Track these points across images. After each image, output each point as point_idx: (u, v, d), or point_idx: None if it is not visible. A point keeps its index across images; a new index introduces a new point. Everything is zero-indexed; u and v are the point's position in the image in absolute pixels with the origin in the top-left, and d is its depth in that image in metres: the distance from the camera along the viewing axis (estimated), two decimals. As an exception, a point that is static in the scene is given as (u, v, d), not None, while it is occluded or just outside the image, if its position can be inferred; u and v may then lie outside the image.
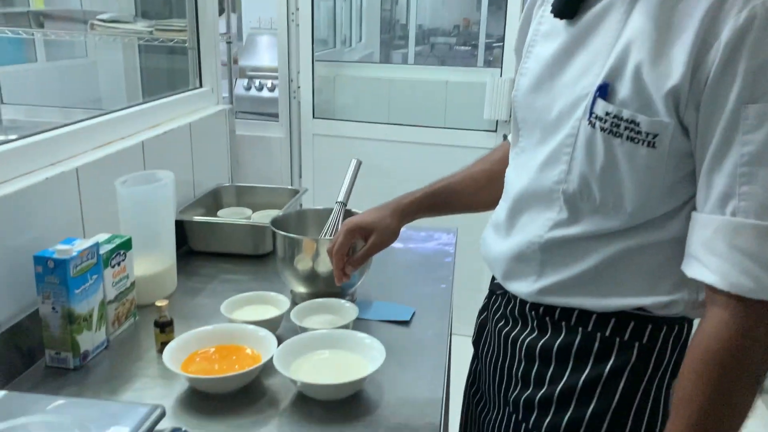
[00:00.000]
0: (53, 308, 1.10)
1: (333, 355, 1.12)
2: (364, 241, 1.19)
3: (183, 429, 0.83)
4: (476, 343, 1.15)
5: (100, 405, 0.89)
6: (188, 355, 1.11)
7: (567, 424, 0.93)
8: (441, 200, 1.21)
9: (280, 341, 1.11)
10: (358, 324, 1.27)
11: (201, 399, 1.04)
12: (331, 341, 1.14)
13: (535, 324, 0.97)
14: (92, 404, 0.90)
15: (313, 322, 1.23)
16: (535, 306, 0.97)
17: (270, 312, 1.26)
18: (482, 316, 1.13)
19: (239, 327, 1.17)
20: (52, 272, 1.08)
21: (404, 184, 1.32)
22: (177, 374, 1.05)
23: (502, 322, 1.04)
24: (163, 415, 0.81)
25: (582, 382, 0.92)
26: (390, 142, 2.87)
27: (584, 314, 0.91)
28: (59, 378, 1.11)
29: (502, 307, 1.05)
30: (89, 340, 1.15)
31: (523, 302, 0.99)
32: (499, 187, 1.06)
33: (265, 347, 1.11)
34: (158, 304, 1.16)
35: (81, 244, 1.13)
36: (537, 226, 0.93)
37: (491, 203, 1.09)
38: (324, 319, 1.24)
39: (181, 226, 1.59)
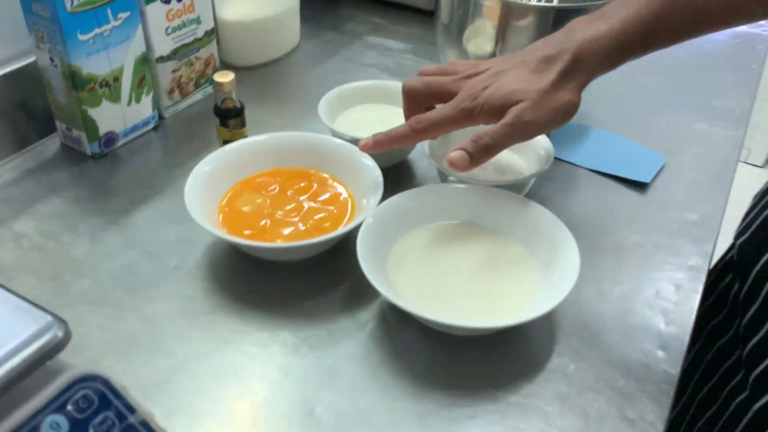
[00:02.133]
0: (51, 60, 0.68)
1: (483, 252, 0.60)
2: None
3: (99, 374, 0.40)
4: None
5: None
6: (244, 177, 0.65)
7: None
8: (673, 23, 0.54)
9: (398, 186, 0.60)
10: (554, 172, 0.71)
11: (241, 261, 0.61)
12: (481, 218, 0.61)
13: None
14: None
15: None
16: None
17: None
18: None
19: (334, 144, 0.67)
20: (40, -2, 0.64)
21: None
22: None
23: None
24: (58, 347, 0.39)
25: None
26: None
27: None
28: (70, 166, 0.72)
29: None
30: (115, 116, 0.73)
31: None
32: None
33: (369, 189, 0.61)
34: (218, 79, 0.69)
35: (96, -45, 0.66)
36: None
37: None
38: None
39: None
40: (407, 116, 0.62)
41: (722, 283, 0.69)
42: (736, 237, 0.69)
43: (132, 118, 0.75)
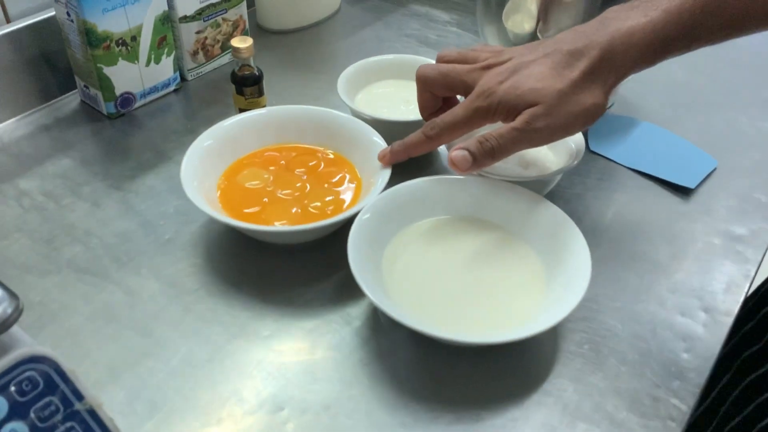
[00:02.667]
0: (68, 14, 0.66)
1: (489, 251, 0.55)
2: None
3: (48, 355, 0.39)
4: None
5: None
6: (250, 151, 0.62)
7: None
8: (723, 15, 0.47)
9: (416, 170, 0.56)
10: (588, 168, 0.65)
11: (235, 239, 0.58)
12: (497, 214, 0.56)
13: None
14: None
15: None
16: None
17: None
18: None
19: (345, 121, 0.63)
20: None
21: None
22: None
23: None
24: (6, 323, 0.38)
25: None
26: None
27: None
28: (86, 125, 0.71)
29: None
30: (133, 76, 0.71)
31: None
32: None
33: (378, 172, 0.57)
34: (236, 44, 0.66)
35: None
36: None
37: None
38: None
39: None
40: (421, 105, 0.58)
41: (764, 310, 0.62)
42: None
43: (151, 79, 0.72)
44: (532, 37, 0.67)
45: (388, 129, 0.64)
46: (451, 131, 0.53)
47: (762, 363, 0.58)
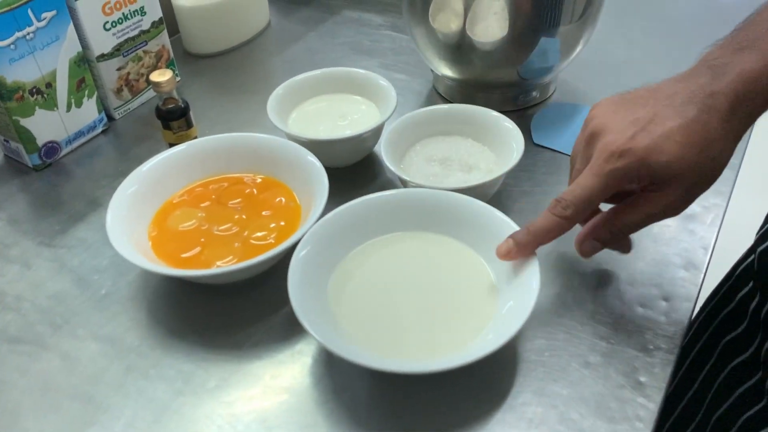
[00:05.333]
0: (-27, 68, 0.63)
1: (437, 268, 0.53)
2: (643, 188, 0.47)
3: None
4: None
5: None
6: (177, 190, 0.59)
7: None
8: None
9: (357, 189, 0.54)
10: (535, 162, 0.64)
11: (175, 284, 0.55)
12: (440, 221, 0.54)
13: None
14: None
15: (434, 151, 0.62)
16: None
17: (364, 120, 0.67)
18: None
19: (276, 145, 0.60)
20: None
21: None
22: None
23: None
24: None
25: None
26: None
27: None
28: (12, 179, 0.68)
29: None
30: (54, 124, 0.67)
31: None
32: None
33: (316, 194, 0.55)
34: (155, 78, 0.63)
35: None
36: None
37: None
38: (456, 148, 0.62)
39: None
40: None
41: (741, 293, 0.60)
42: (757, 242, 0.60)
43: (74, 124, 0.69)
44: (461, 36, 0.65)
45: (327, 148, 0.61)
46: (587, 206, 0.45)
47: (746, 347, 0.57)
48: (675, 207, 0.45)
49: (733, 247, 0.75)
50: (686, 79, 0.45)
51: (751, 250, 0.62)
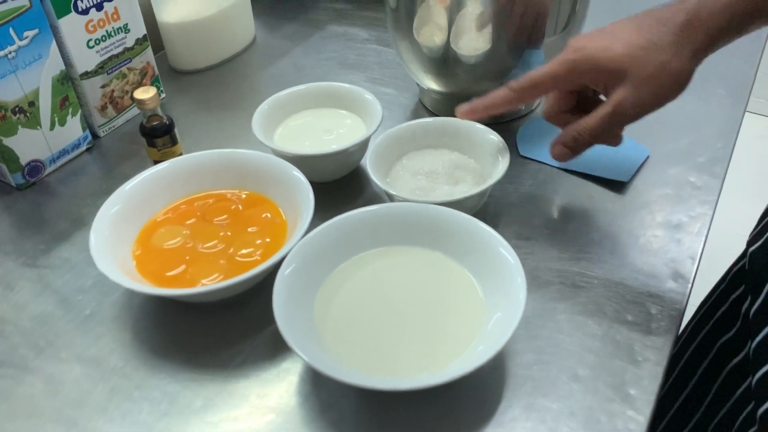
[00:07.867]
0: (-45, 89, 0.62)
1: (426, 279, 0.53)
2: (602, 91, 0.53)
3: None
4: None
5: None
6: (161, 208, 0.59)
7: None
8: None
9: (344, 204, 0.53)
10: (520, 174, 0.64)
11: (159, 303, 0.55)
12: (429, 233, 0.53)
13: None
14: None
15: (420, 165, 0.62)
16: None
17: (350, 134, 0.66)
18: None
19: (261, 160, 0.60)
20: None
21: None
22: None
23: None
24: None
25: None
26: None
27: None
28: (-4, 200, 0.67)
29: None
30: (37, 143, 0.67)
31: None
32: None
33: (301, 210, 0.54)
34: (138, 95, 0.62)
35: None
36: None
37: None
38: (442, 162, 0.62)
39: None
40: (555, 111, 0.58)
41: (734, 294, 0.60)
42: (749, 244, 0.60)
43: (58, 142, 0.69)
44: (446, 49, 0.65)
45: (313, 163, 0.61)
46: (535, 84, 0.53)
47: (740, 349, 0.57)
48: (625, 107, 0.50)
49: (722, 255, 0.76)
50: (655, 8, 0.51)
51: (743, 255, 0.62)
